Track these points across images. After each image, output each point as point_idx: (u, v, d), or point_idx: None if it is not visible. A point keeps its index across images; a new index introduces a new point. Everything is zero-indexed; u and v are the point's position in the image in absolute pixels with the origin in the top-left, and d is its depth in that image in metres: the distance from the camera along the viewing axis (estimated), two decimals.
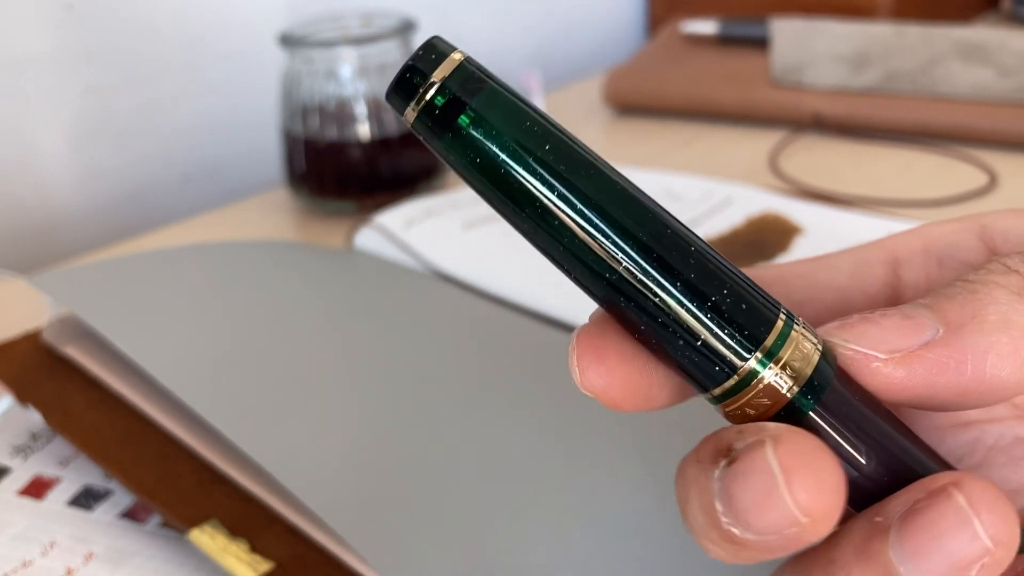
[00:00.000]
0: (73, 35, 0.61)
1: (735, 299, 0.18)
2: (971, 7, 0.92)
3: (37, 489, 0.37)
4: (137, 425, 0.37)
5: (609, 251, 0.18)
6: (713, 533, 0.18)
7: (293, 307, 0.44)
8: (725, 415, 0.19)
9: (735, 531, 0.18)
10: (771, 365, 0.18)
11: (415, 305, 0.46)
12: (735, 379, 0.18)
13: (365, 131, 0.58)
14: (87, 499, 0.37)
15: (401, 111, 0.18)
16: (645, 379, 0.20)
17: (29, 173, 0.62)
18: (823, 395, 0.19)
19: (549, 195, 0.18)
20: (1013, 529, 0.18)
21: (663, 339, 0.19)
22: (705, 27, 0.78)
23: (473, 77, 0.18)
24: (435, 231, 0.51)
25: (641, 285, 0.18)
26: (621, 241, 0.18)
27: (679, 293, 0.18)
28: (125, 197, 0.66)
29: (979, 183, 0.59)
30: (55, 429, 0.37)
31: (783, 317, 0.19)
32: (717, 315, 0.18)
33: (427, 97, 0.18)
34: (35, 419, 0.40)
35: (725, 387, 0.19)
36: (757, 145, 0.66)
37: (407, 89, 0.18)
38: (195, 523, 0.32)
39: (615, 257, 0.18)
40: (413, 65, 0.18)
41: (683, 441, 0.21)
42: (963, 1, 0.92)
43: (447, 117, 0.18)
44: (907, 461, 0.19)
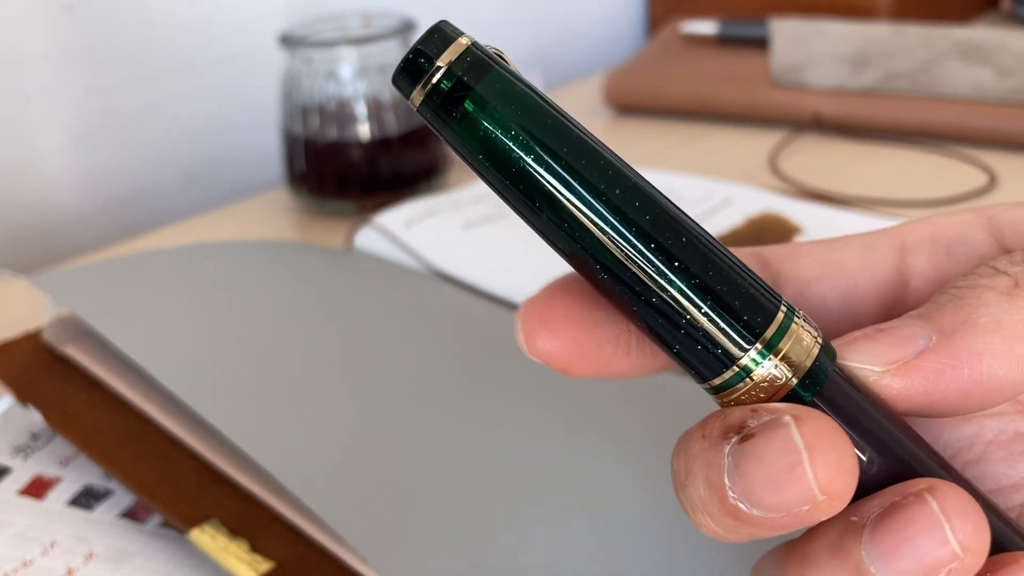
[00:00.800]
0: (73, 35, 0.61)
1: (736, 290, 0.18)
2: (971, 7, 0.92)
3: (37, 489, 0.37)
4: (137, 425, 0.37)
5: (614, 239, 0.18)
6: (715, 508, 0.18)
7: (293, 307, 0.44)
8: (722, 405, 0.20)
9: (742, 506, 0.18)
10: (771, 357, 0.19)
11: (415, 305, 0.46)
12: (734, 369, 0.19)
13: (365, 131, 0.58)
14: (87, 499, 0.37)
15: (407, 94, 0.18)
16: (594, 341, 0.20)
17: (30, 173, 0.62)
18: (821, 387, 0.19)
19: (553, 180, 0.18)
20: (983, 536, 0.18)
21: (663, 328, 0.19)
22: (705, 27, 0.78)
23: (479, 62, 0.18)
24: (435, 231, 0.51)
25: (643, 272, 0.18)
26: (625, 229, 0.18)
27: (681, 281, 0.18)
28: (126, 197, 0.66)
29: (979, 183, 0.59)
30: (55, 429, 0.37)
31: (784, 309, 0.19)
32: (718, 305, 0.18)
33: (433, 81, 0.18)
34: (35, 419, 0.40)
35: (724, 377, 0.19)
36: (757, 145, 0.66)
37: (413, 72, 0.18)
38: (195, 523, 0.32)
39: (626, 251, 0.18)
40: (420, 49, 0.18)
41: None
42: (963, 1, 0.92)
43: (453, 101, 0.18)
44: (902, 455, 0.19)
